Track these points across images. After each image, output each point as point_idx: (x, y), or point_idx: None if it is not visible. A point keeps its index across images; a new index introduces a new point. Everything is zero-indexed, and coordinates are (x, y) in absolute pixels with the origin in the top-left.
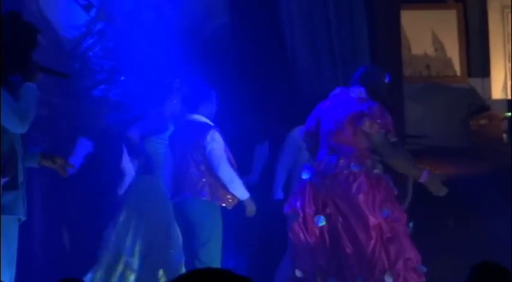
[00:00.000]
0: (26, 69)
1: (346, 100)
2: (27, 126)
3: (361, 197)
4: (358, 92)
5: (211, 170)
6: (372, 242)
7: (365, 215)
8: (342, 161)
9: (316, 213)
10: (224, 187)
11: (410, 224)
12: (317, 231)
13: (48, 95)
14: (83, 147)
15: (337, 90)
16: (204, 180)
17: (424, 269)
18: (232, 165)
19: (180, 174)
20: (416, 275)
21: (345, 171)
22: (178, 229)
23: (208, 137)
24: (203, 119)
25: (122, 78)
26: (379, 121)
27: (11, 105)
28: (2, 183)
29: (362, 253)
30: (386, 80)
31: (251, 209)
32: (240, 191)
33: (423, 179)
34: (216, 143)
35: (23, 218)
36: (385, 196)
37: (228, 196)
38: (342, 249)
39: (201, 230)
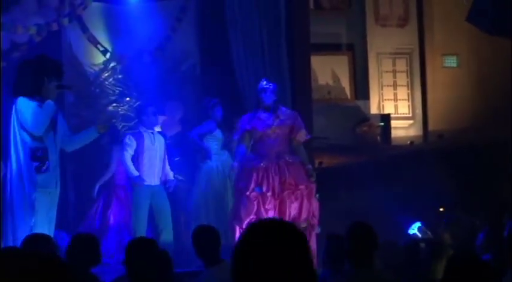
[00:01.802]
0: (47, 91)
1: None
2: (43, 131)
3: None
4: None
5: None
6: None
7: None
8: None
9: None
10: None
11: (317, 196)
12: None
13: (78, 109)
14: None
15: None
16: None
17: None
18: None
19: None
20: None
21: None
22: None
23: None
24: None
25: (127, 99)
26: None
27: (37, 117)
28: (34, 168)
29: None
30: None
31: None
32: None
33: None
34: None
35: (55, 190)
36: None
37: None
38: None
39: None
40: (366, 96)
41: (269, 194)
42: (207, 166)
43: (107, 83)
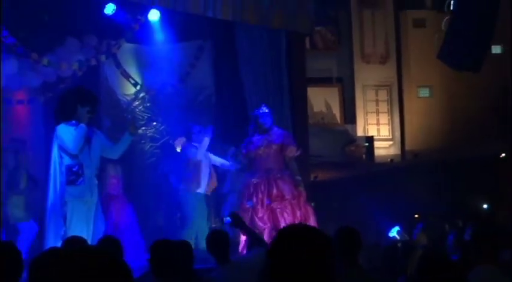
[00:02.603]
0: (81, 116)
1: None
2: (78, 150)
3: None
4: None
5: None
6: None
7: None
8: None
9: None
10: None
11: (312, 204)
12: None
13: (114, 132)
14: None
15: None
16: None
17: None
18: None
19: None
20: None
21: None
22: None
23: None
24: None
25: (154, 123)
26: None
27: (73, 138)
28: (70, 181)
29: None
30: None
31: None
32: None
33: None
34: None
35: (91, 199)
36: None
37: None
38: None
39: None
40: (353, 121)
41: (258, 206)
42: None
43: (137, 110)
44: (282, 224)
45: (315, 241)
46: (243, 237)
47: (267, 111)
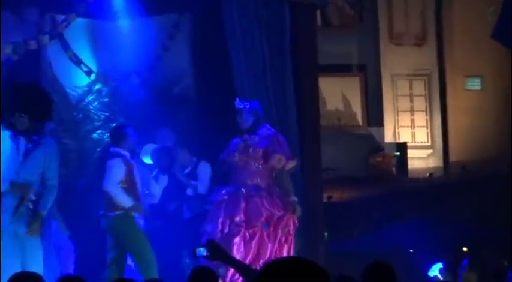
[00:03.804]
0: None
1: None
2: None
3: None
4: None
5: None
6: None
7: None
8: None
9: None
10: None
11: (325, 233)
12: None
13: (59, 136)
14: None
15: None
16: None
17: None
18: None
19: None
20: None
21: None
22: None
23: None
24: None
25: (114, 125)
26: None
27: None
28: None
29: None
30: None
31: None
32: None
33: None
34: None
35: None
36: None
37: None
38: None
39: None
40: (380, 123)
41: (218, 232)
42: None
43: (91, 107)
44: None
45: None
46: (230, 271)
47: (247, 106)
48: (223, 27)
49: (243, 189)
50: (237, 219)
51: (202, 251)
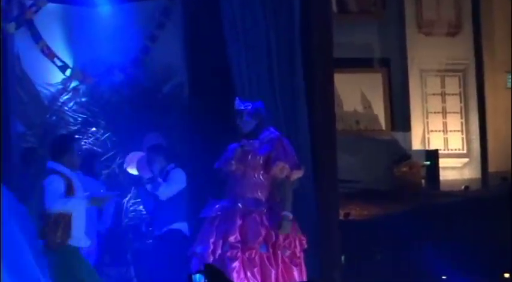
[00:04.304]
0: None
1: None
2: None
3: None
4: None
5: None
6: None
7: None
8: None
9: None
10: None
11: (342, 257)
12: None
13: (29, 143)
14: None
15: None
16: None
17: None
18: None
19: None
20: None
21: None
22: None
23: None
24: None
25: (93, 129)
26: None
27: None
28: None
29: None
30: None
31: None
32: None
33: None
34: None
35: None
36: None
37: None
38: None
39: None
40: (406, 127)
41: (209, 254)
42: None
43: (66, 108)
44: None
45: None
46: None
47: (249, 106)
48: (221, 14)
49: (239, 204)
50: (232, 239)
51: (199, 278)
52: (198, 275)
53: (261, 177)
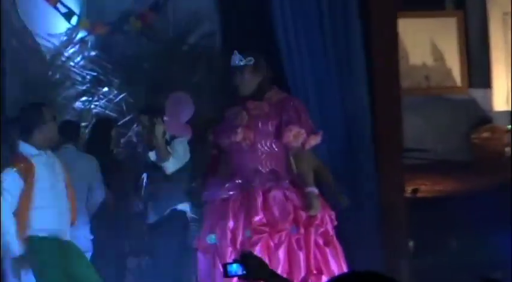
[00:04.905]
0: None
1: None
2: None
3: None
4: None
5: None
6: None
7: None
8: None
9: None
10: None
11: (410, 243)
12: None
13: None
14: None
15: None
16: None
17: None
18: None
19: None
20: None
21: None
22: None
23: None
24: None
25: (104, 89)
26: None
27: None
28: None
29: None
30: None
31: None
32: None
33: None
34: None
35: None
36: None
37: None
38: None
39: None
40: (487, 83)
41: (228, 242)
42: None
43: (72, 64)
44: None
45: None
46: None
47: (251, 61)
48: None
49: (256, 180)
50: (257, 220)
51: (236, 269)
52: (235, 265)
53: (274, 146)
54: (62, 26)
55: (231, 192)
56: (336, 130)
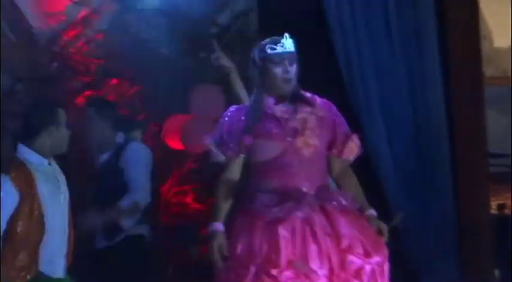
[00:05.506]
0: None
1: None
2: None
3: None
4: None
5: None
6: None
7: None
8: None
9: None
10: None
11: (496, 272)
12: None
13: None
14: None
15: None
16: None
17: None
18: None
19: None
20: None
21: None
22: None
23: None
24: None
25: (113, 82)
26: None
27: None
28: None
29: None
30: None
31: None
32: None
33: None
34: None
35: None
36: None
37: None
38: None
39: None
40: None
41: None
42: None
43: (73, 50)
44: None
45: None
46: None
47: (291, 47)
48: None
49: (309, 198)
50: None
51: None
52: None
53: (322, 156)
54: (60, 3)
55: (280, 214)
56: (401, 130)
